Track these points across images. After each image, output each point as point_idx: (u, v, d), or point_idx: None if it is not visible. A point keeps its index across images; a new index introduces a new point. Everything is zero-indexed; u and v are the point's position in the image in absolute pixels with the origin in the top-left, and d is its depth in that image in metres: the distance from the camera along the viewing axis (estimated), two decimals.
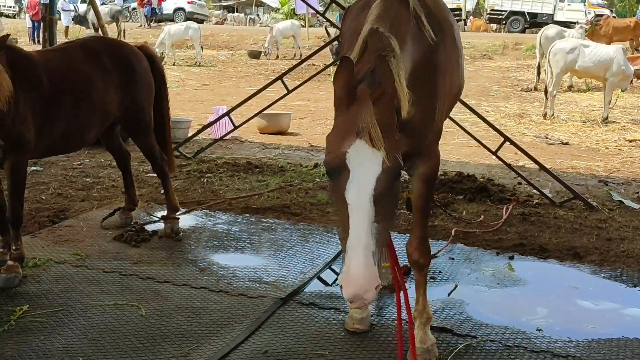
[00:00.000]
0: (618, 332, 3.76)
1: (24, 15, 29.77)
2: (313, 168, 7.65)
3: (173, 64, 21.14)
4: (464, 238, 5.26)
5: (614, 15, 30.48)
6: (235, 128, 8.48)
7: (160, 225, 5.30)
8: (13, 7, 37.70)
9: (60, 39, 12.71)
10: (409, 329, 3.24)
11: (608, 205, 6.46)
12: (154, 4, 32.40)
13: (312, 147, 9.46)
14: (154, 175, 6.06)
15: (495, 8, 34.13)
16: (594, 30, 20.78)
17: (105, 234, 5.12)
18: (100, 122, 4.71)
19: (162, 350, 3.38)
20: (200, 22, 32.77)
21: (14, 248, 4.24)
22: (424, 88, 3.00)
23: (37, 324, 3.63)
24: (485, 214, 5.94)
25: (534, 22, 32.63)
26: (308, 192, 6.54)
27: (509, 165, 6.86)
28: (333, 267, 4.64)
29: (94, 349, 3.38)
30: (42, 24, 9.43)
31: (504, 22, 34.06)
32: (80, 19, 26.51)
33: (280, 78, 7.82)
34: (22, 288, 4.10)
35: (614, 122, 12.38)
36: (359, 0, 3.55)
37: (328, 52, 16.97)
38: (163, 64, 5.94)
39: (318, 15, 25.86)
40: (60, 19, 24.12)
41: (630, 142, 10.59)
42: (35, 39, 25.19)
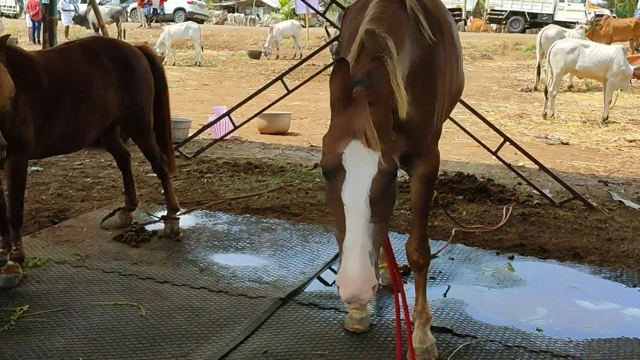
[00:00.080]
0: (618, 332, 3.76)
1: (25, 15, 29.76)
2: (313, 168, 7.65)
3: (173, 64, 21.15)
4: (464, 238, 5.26)
5: (614, 15, 30.48)
6: (236, 128, 8.48)
7: (160, 226, 5.31)
8: (13, 7, 37.71)
9: (61, 39, 12.72)
10: (408, 330, 3.24)
11: (608, 206, 6.46)
12: (156, 4, 32.40)
13: (312, 147, 9.46)
14: (154, 176, 6.07)
15: (495, 8, 34.13)
16: (594, 31, 20.76)
17: (105, 234, 5.13)
18: (100, 122, 4.72)
19: (162, 350, 3.39)
20: (201, 22, 32.78)
21: (14, 248, 4.25)
22: (423, 88, 3.00)
23: (37, 324, 3.63)
24: (485, 214, 5.94)
25: (534, 22, 32.63)
26: (308, 192, 6.54)
27: (509, 166, 6.86)
28: (333, 267, 4.64)
29: (94, 349, 3.38)
30: (42, 24, 9.43)
31: (504, 22, 34.06)
32: (81, 19, 26.53)
33: (281, 78, 7.82)
34: (22, 288, 4.10)
35: (614, 122, 12.37)
36: (359, 1, 3.56)
37: (328, 52, 16.99)
38: (163, 64, 5.94)
39: (318, 16, 25.86)
40: (61, 19, 24.14)
41: (631, 142, 10.58)
42: (36, 39, 25.21)
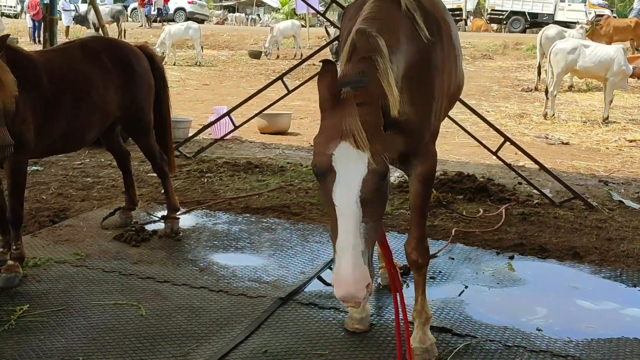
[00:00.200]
0: (618, 332, 3.75)
1: (25, 15, 29.76)
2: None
3: (174, 64, 21.16)
4: (464, 238, 5.26)
5: (615, 15, 30.46)
6: (236, 128, 8.49)
7: (160, 225, 5.31)
8: (14, 7, 37.70)
9: (61, 39, 12.72)
10: (406, 329, 3.24)
11: (608, 205, 6.46)
12: (160, 4, 32.37)
13: (312, 146, 9.40)
14: (154, 175, 6.07)
15: (496, 8, 34.12)
16: (595, 30, 20.76)
17: (106, 234, 5.13)
18: (100, 122, 4.72)
19: (161, 350, 3.39)
20: (201, 22, 32.80)
21: (14, 248, 4.25)
22: (421, 87, 3.00)
23: (37, 324, 3.64)
24: (485, 214, 5.94)
25: (535, 22, 32.63)
26: (308, 192, 6.54)
27: (509, 165, 6.86)
28: (332, 267, 4.63)
29: (94, 349, 3.38)
30: (42, 24, 9.43)
31: (505, 22, 34.05)
32: (81, 19, 26.55)
33: (281, 78, 7.82)
34: (22, 288, 4.10)
35: (614, 122, 12.37)
36: (357, 0, 3.55)
37: (328, 52, 16.99)
38: (164, 64, 5.95)
39: (318, 15, 25.87)
40: (61, 19, 24.15)
41: (631, 142, 10.58)
42: (36, 39, 25.22)
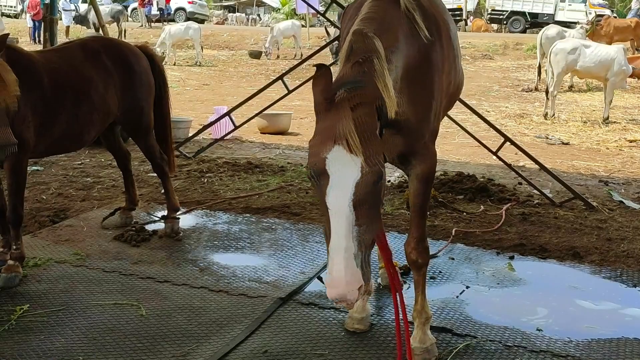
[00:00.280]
0: (618, 332, 3.75)
1: (25, 15, 29.75)
2: None
3: (174, 64, 21.16)
4: (464, 238, 5.26)
5: (615, 16, 30.45)
6: (236, 128, 8.49)
7: (161, 225, 5.31)
8: (14, 7, 37.68)
9: (61, 39, 12.72)
10: (406, 329, 3.23)
11: (608, 206, 6.45)
12: (162, 4, 32.34)
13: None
14: (154, 175, 6.07)
15: (496, 8, 34.11)
16: (595, 31, 20.75)
17: (106, 234, 5.13)
18: (100, 122, 4.72)
19: (162, 350, 3.39)
20: (201, 22, 32.78)
21: (15, 247, 4.25)
22: (420, 87, 3.00)
23: (37, 324, 3.64)
24: (486, 215, 5.94)
25: (535, 22, 32.61)
26: (308, 192, 6.54)
27: (509, 166, 6.86)
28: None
29: (94, 349, 3.38)
30: (42, 24, 9.43)
31: (505, 22, 34.04)
32: (81, 19, 26.54)
33: (281, 78, 7.82)
34: (22, 287, 4.10)
35: (615, 122, 12.37)
36: (357, 0, 3.55)
37: (328, 52, 16.99)
38: (164, 64, 5.94)
39: (319, 15, 25.86)
40: (61, 19, 24.15)
41: (631, 142, 10.58)
42: (36, 39, 25.22)
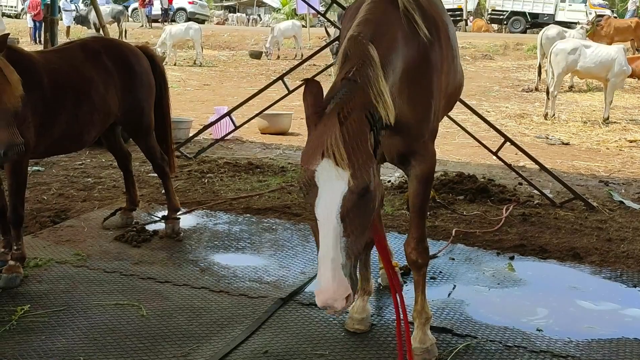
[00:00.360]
0: (618, 332, 3.76)
1: (26, 16, 29.74)
2: None
3: (174, 64, 21.17)
4: (465, 238, 5.27)
5: (615, 16, 30.44)
6: (236, 128, 8.49)
7: (161, 226, 5.32)
8: (14, 7, 37.66)
9: (62, 39, 12.72)
10: (406, 330, 3.24)
11: (608, 206, 6.45)
12: (165, 4, 32.32)
13: None
14: (155, 176, 6.08)
15: (497, 8, 34.11)
16: (595, 31, 20.74)
17: (107, 234, 5.14)
18: (101, 122, 4.72)
19: (162, 350, 3.39)
20: (202, 22, 32.78)
21: (16, 248, 4.26)
22: (419, 87, 3.02)
23: (38, 324, 3.64)
24: (486, 215, 5.94)
25: (535, 22, 32.58)
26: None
27: (510, 166, 6.87)
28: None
29: (95, 349, 3.39)
30: (43, 24, 9.44)
31: (505, 22, 34.04)
32: (82, 19, 26.53)
33: (281, 78, 7.82)
34: (23, 288, 4.11)
35: (615, 122, 12.37)
36: (357, 0, 3.56)
37: (329, 52, 16.97)
38: (164, 64, 5.95)
39: (319, 16, 25.85)
40: (62, 19, 24.15)
41: (631, 142, 10.58)
42: (37, 39, 25.22)
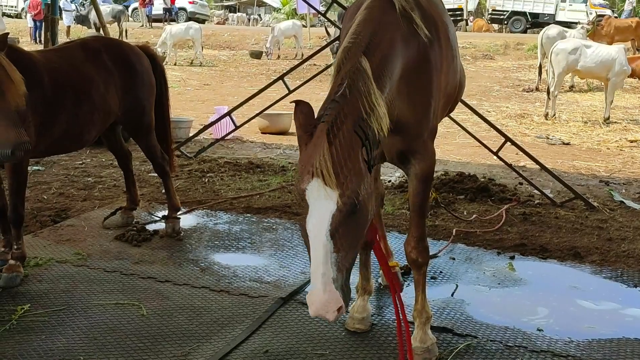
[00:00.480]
0: (618, 332, 3.75)
1: (26, 15, 29.72)
2: None
3: (174, 64, 21.17)
4: (465, 238, 5.27)
5: (616, 16, 30.42)
6: (237, 128, 8.49)
7: (162, 225, 5.32)
8: (15, 6, 37.65)
9: (62, 39, 12.72)
10: (406, 330, 3.24)
11: (609, 206, 6.45)
12: (167, 4, 32.29)
13: None
14: (156, 175, 6.07)
15: (497, 8, 34.09)
16: (596, 31, 20.73)
17: (107, 234, 5.14)
18: (101, 121, 4.72)
19: (162, 350, 3.39)
20: (202, 22, 32.75)
21: (16, 247, 4.25)
22: (418, 86, 3.03)
23: (38, 323, 3.64)
24: (486, 214, 5.95)
25: (536, 22, 32.56)
26: None
27: (510, 166, 6.87)
28: None
29: (95, 348, 3.38)
30: (43, 24, 9.43)
31: (506, 22, 34.02)
32: (82, 19, 26.52)
33: (282, 78, 7.82)
34: (23, 287, 4.11)
35: (615, 122, 12.37)
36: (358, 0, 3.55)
37: (329, 52, 16.98)
38: (165, 64, 5.95)
39: (319, 15, 25.85)
40: (62, 19, 24.15)
41: (632, 142, 10.58)
42: (37, 39, 25.21)
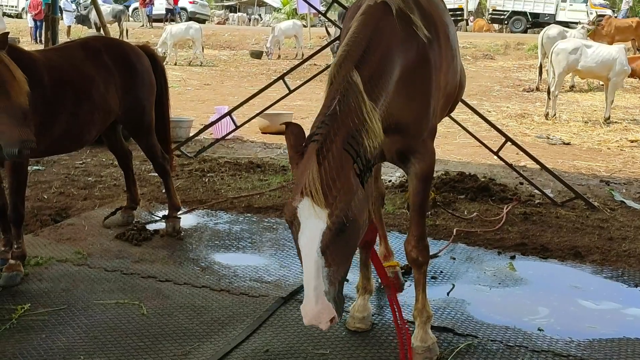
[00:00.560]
0: (619, 332, 3.75)
1: (26, 15, 29.72)
2: None
3: (175, 64, 21.16)
4: (466, 237, 5.26)
5: (616, 15, 30.41)
6: (237, 128, 8.49)
7: (162, 224, 5.31)
8: (15, 6, 37.65)
9: (63, 39, 12.72)
10: (406, 332, 3.24)
11: (610, 205, 6.45)
12: (170, 4, 32.26)
13: None
14: (156, 175, 6.07)
15: (497, 8, 34.09)
16: (596, 30, 20.71)
17: (107, 233, 5.14)
18: (101, 121, 4.72)
19: (163, 349, 3.39)
20: (202, 22, 32.74)
21: (16, 246, 4.25)
22: (417, 86, 3.04)
23: (38, 323, 3.64)
24: (487, 214, 5.94)
25: (536, 22, 32.56)
26: None
27: (511, 165, 6.86)
28: None
29: (96, 348, 3.38)
30: (44, 24, 9.43)
31: (506, 22, 34.01)
32: (83, 19, 26.53)
33: (282, 78, 7.82)
34: (23, 286, 4.11)
35: (616, 122, 12.37)
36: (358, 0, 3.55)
37: (329, 52, 16.97)
38: (165, 64, 5.94)
39: (320, 15, 25.85)
40: (62, 19, 24.15)
41: (632, 142, 10.57)
42: (37, 39, 25.21)
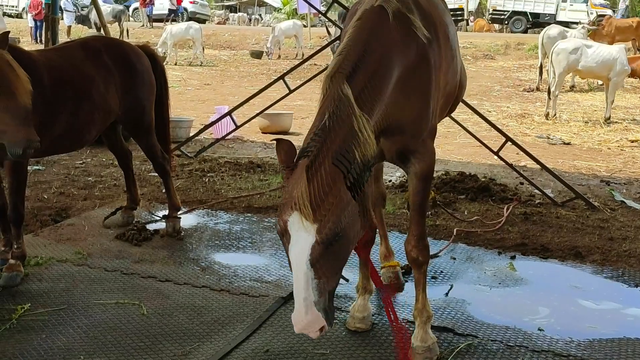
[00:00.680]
0: (620, 332, 3.75)
1: (27, 15, 29.72)
2: None
3: (175, 64, 21.17)
4: (466, 237, 5.26)
5: (616, 15, 30.40)
6: (237, 128, 8.49)
7: (162, 224, 5.31)
8: (15, 6, 37.66)
9: (63, 39, 12.72)
10: (402, 330, 3.24)
11: (610, 205, 6.45)
12: (172, 5, 32.25)
13: None
14: (156, 175, 6.07)
15: (498, 8, 34.09)
16: (596, 30, 20.71)
17: (107, 233, 5.13)
18: (101, 121, 4.72)
19: (163, 349, 3.39)
20: (203, 22, 32.74)
21: (16, 246, 4.25)
22: (417, 86, 3.05)
23: (38, 323, 3.64)
24: (487, 214, 5.94)
25: (536, 22, 32.56)
26: None
27: (511, 165, 6.86)
28: None
29: (96, 348, 3.38)
30: (44, 24, 9.44)
31: (506, 22, 34.02)
32: (83, 19, 26.52)
33: (282, 78, 7.82)
34: (23, 286, 4.11)
35: (616, 122, 12.37)
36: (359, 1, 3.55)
37: (330, 51, 16.97)
38: (165, 64, 5.94)
39: (320, 15, 25.85)
40: (63, 19, 24.15)
41: (633, 142, 10.58)
42: (38, 39, 25.21)
